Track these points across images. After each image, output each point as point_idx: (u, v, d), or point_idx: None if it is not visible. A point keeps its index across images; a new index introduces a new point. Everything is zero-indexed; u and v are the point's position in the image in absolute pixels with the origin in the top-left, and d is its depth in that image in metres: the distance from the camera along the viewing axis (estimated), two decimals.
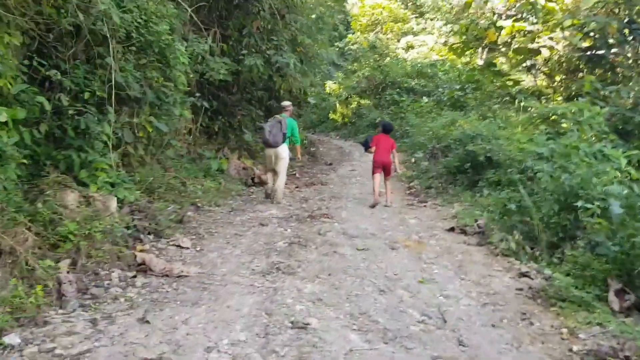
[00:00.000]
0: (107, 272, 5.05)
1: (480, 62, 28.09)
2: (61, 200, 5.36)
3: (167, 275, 5.16)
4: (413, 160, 14.86)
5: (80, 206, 5.49)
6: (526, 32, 18.31)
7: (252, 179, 11.78)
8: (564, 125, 10.20)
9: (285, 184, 12.13)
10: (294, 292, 4.95)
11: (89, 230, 5.16)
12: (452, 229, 8.01)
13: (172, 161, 9.51)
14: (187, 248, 6.23)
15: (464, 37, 16.27)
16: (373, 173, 10.09)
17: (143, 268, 5.25)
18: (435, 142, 14.68)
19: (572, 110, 9.49)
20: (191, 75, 9.76)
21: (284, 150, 9.46)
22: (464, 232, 7.89)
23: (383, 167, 9.96)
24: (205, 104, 10.78)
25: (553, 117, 10.39)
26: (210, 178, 10.25)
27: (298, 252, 6.36)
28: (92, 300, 4.46)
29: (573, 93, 19.57)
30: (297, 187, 12.08)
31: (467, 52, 21.07)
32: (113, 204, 5.97)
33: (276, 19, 11.49)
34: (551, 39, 20.31)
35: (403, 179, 13.84)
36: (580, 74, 20.36)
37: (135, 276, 5.10)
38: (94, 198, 5.68)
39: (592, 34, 14.61)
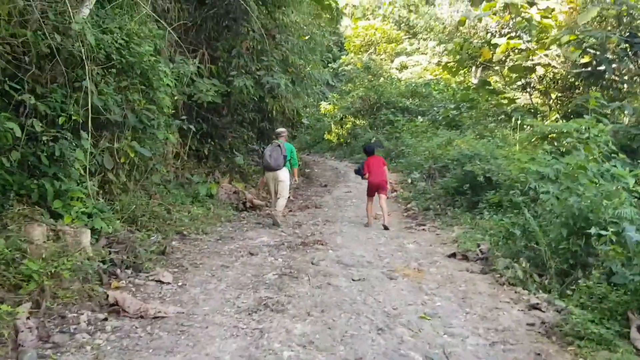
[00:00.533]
0: (75, 314, 4.51)
1: (475, 81, 27.90)
2: (26, 234, 4.84)
3: (142, 317, 4.62)
4: (410, 180, 14.40)
5: (48, 241, 4.97)
6: (521, 50, 18.00)
7: (244, 203, 11.28)
8: (565, 143, 9.76)
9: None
10: (282, 334, 4.42)
11: (56, 268, 4.64)
12: (453, 255, 7.51)
13: (157, 187, 9.01)
14: (168, 283, 5.69)
15: (458, 55, 15.90)
16: (368, 197, 10.14)
17: (116, 309, 4.71)
18: (432, 162, 14.23)
19: (576, 128, 9.04)
20: (177, 98, 9.31)
21: (284, 173, 9.45)
22: (465, 258, 7.39)
23: (378, 188, 9.91)
24: (193, 127, 10.28)
25: (553, 135, 9.95)
26: (198, 204, 9.74)
27: (289, 285, 5.83)
28: (54, 350, 3.91)
29: (569, 110, 19.27)
30: (290, 211, 11.57)
31: (462, 71, 20.72)
32: (86, 237, 5.44)
33: (266, 40, 11.09)
34: (547, 55, 20.06)
35: (400, 200, 13.37)
36: (577, 91, 20.10)
37: (106, 318, 4.55)
38: (64, 231, 5.16)
39: (591, 49, 14.24)
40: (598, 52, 13.93)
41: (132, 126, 7.63)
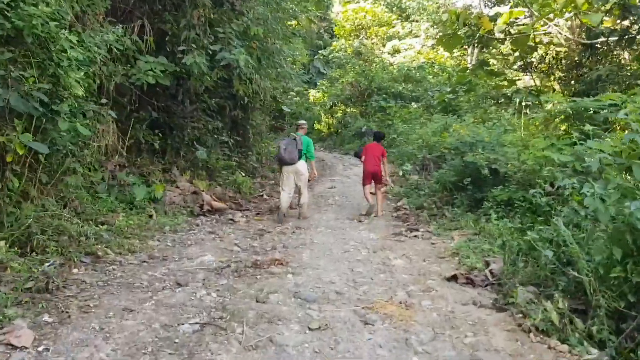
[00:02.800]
0: None
1: (470, 64, 25.74)
2: None
3: None
4: (401, 173, 12.33)
5: None
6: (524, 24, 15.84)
7: (201, 206, 9.22)
8: (588, 126, 7.67)
9: (248, 209, 9.72)
10: None
11: None
12: (453, 278, 5.45)
13: (77, 192, 6.95)
14: (23, 348, 3.65)
15: (454, 25, 13.73)
16: (363, 184, 9.73)
17: None
18: (426, 151, 12.16)
19: (614, 103, 6.97)
20: (114, 79, 7.27)
21: (302, 166, 9.04)
22: (470, 282, 5.34)
23: (373, 176, 9.49)
24: (142, 115, 8.21)
25: (586, 115, 7.84)
26: (135, 211, 7.68)
27: (209, 345, 3.79)
28: None
29: (576, 90, 17.17)
30: (258, 214, 9.51)
31: (458, 47, 18.56)
32: None
33: (223, 8, 8.98)
34: (548, 34, 17.94)
35: (390, 196, 11.30)
36: (583, 70, 17.98)
37: None
38: None
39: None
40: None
41: (22, 113, 5.58)
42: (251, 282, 5.26)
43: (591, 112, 7.63)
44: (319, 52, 33.31)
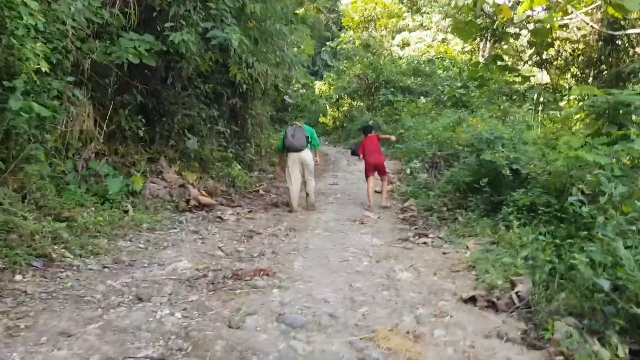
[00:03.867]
0: None
1: (482, 59, 24.67)
2: None
3: None
4: (408, 170, 11.36)
5: None
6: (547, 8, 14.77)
7: (187, 201, 8.29)
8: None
9: (240, 205, 8.79)
10: None
11: None
12: (472, 300, 4.49)
13: (41, 182, 6.02)
14: None
15: (471, 12, 12.66)
16: (367, 176, 9.43)
17: None
18: (437, 148, 11.18)
19: None
20: (65, 55, 6.33)
21: (308, 155, 8.80)
22: (492, 305, 4.38)
23: (376, 168, 9.31)
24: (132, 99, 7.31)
25: (624, 111, 6.84)
26: (109, 205, 6.75)
27: None
28: None
29: (599, 87, 16.11)
30: (250, 211, 8.58)
31: (472, 38, 17.49)
32: None
33: None
34: (565, 26, 16.90)
35: (396, 195, 10.34)
36: (602, 67, 16.90)
37: None
38: None
39: None
40: None
41: None
42: (228, 298, 4.32)
43: (631, 107, 6.62)
44: (327, 43, 32.31)
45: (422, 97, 21.11)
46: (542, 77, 20.47)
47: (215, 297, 4.32)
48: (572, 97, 16.74)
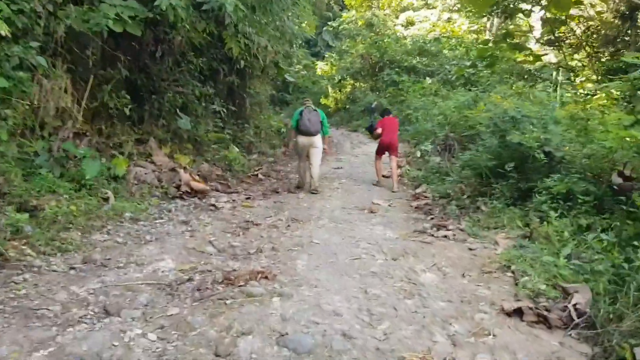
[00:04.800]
0: None
1: (488, 35, 23.57)
2: None
3: None
4: (418, 154, 10.45)
5: None
6: None
7: (178, 187, 7.41)
8: None
9: (237, 191, 7.93)
10: None
11: None
12: (518, 312, 3.62)
13: (2, 166, 5.13)
14: None
15: None
16: (378, 155, 9.21)
17: None
18: (449, 129, 10.26)
19: None
20: (35, 20, 5.41)
21: (319, 140, 8.47)
22: (544, 320, 3.51)
23: (389, 148, 8.99)
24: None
25: None
26: (86, 192, 5.86)
27: None
28: None
29: (611, 67, 15.12)
30: (248, 198, 7.70)
31: (487, 11, 16.40)
32: None
33: None
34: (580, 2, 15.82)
35: (406, 180, 9.45)
36: (619, 45, 15.87)
37: None
38: None
39: None
40: None
41: None
42: (216, 311, 3.45)
43: None
44: (328, 23, 31.11)
45: (427, 78, 20.09)
46: (549, 57, 19.49)
47: (200, 310, 3.45)
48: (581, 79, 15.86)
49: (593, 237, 4.48)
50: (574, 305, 3.47)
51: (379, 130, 9.04)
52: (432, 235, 5.80)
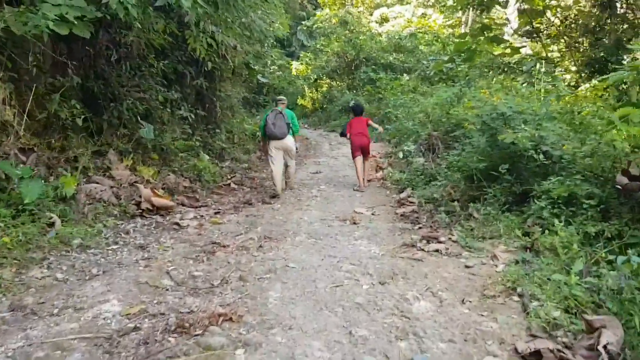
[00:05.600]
0: None
1: (463, 29, 23.11)
2: None
3: None
4: (401, 155, 9.78)
5: None
6: None
7: (138, 204, 6.62)
8: None
9: (205, 205, 7.17)
10: None
11: None
12: (536, 354, 2.94)
13: None
14: None
15: None
16: (354, 157, 8.84)
17: None
18: (431, 127, 9.62)
19: None
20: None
21: (290, 141, 8.38)
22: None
23: (361, 150, 8.73)
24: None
25: None
26: (28, 217, 5.05)
27: None
28: None
29: (592, 57, 14.68)
30: (218, 212, 6.95)
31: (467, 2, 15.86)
32: None
33: None
34: None
35: (389, 184, 8.79)
36: (601, 34, 15.40)
37: None
38: None
39: None
40: None
41: None
42: None
43: None
44: (302, 22, 30.39)
45: (405, 74, 19.51)
46: (525, 50, 19.06)
47: None
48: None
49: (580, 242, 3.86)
50: (605, 346, 2.81)
51: (348, 135, 8.83)
52: (423, 250, 5.12)
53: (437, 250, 5.05)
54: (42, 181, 5.52)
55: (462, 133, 7.62)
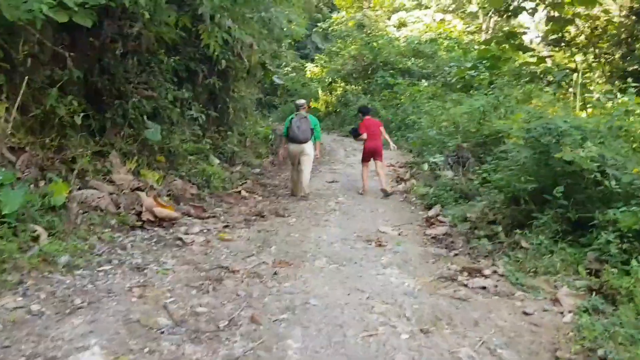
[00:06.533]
0: None
1: (484, 37, 22.28)
2: None
3: None
4: (426, 166, 8.97)
5: None
6: None
7: (139, 214, 5.86)
8: None
9: (214, 215, 6.38)
10: None
11: None
12: None
13: None
14: None
15: None
16: (364, 161, 8.73)
17: None
18: (461, 138, 8.80)
19: None
20: None
21: (310, 147, 8.16)
22: None
23: (374, 153, 8.57)
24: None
25: None
26: (8, 229, 4.29)
27: None
28: None
29: (625, 69, 13.79)
30: (227, 226, 6.17)
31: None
32: None
33: None
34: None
35: (412, 197, 7.99)
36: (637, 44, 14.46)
37: None
38: None
39: None
40: None
41: None
42: None
43: None
44: (318, 24, 29.63)
45: (423, 80, 18.69)
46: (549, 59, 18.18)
47: None
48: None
49: None
50: None
51: (364, 136, 8.54)
52: (466, 286, 4.31)
53: (483, 288, 4.24)
54: (29, 186, 4.77)
55: (499, 146, 6.80)
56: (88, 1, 5.48)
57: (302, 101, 8.75)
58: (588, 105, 9.85)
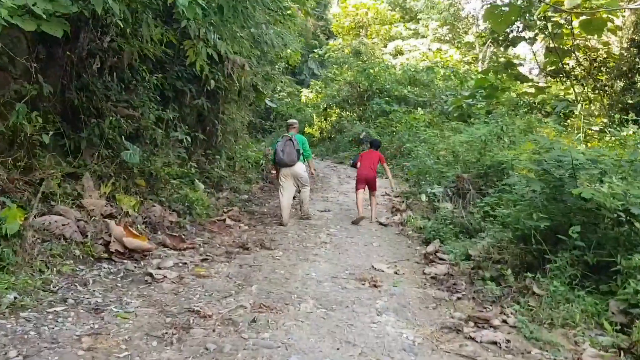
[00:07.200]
0: None
1: (480, 66, 22.08)
2: None
3: None
4: (423, 197, 8.42)
5: None
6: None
7: (107, 244, 5.24)
8: None
9: (192, 246, 5.79)
10: None
11: None
12: None
13: None
14: None
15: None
16: (356, 189, 8.45)
17: None
18: (460, 168, 8.28)
19: None
20: None
21: (300, 168, 8.01)
22: None
23: (367, 183, 8.34)
24: None
25: None
26: None
27: None
28: None
29: (626, 102, 13.42)
30: (206, 260, 5.56)
31: (510, 23, 14.44)
32: None
33: None
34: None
35: (409, 230, 7.41)
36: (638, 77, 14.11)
37: None
38: None
39: None
40: None
41: None
42: None
43: None
44: (314, 51, 29.45)
45: (419, 108, 18.32)
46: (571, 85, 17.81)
47: None
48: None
49: None
50: None
51: (358, 165, 8.56)
52: (473, 339, 3.71)
53: (494, 343, 3.64)
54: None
55: (502, 178, 6.27)
56: (58, 9, 4.97)
57: (293, 121, 8.67)
58: (590, 138, 9.41)
